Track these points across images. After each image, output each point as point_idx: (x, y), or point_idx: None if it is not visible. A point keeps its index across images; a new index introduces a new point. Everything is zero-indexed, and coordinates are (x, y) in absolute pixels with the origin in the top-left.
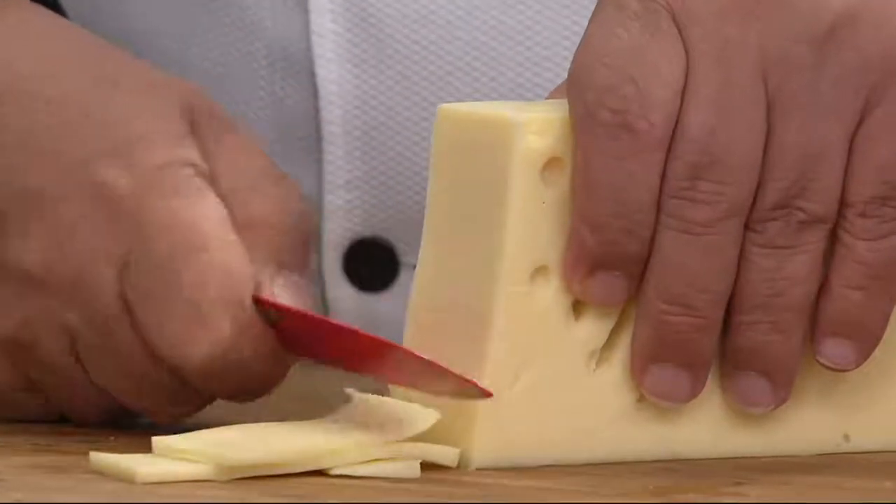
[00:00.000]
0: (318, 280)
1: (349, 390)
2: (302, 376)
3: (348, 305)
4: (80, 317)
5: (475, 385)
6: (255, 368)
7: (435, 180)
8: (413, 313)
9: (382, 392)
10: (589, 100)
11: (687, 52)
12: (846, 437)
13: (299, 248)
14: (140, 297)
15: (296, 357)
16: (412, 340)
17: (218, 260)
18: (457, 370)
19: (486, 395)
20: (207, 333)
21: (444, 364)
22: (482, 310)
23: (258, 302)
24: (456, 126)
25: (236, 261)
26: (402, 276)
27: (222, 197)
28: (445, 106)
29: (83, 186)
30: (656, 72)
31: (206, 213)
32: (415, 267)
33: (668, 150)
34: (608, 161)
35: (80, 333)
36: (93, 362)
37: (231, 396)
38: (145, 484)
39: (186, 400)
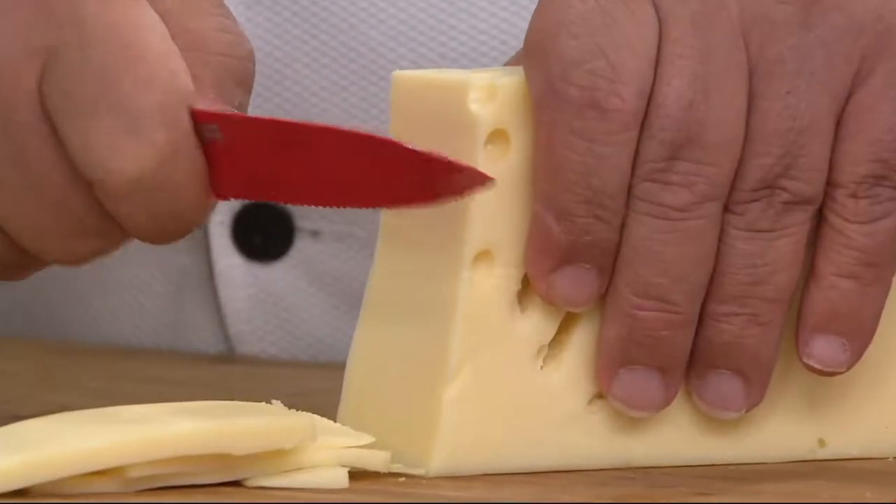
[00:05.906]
0: (204, 249)
1: (275, 402)
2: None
3: (237, 277)
4: None
5: (471, 170)
6: (184, 193)
7: None
8: (368, 307)
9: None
10: (553, 74)
11: (659, 15)
12: (821, 443)
13: (236, 83)
14: (65, 101)
15: (228, 195)
16: (362, 339)
17: (158, 68)
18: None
19: (486, 180)
20: (140, 145)
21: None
22: (436, 297)
23: (196, 116)
24: (412, 94)
25: (176, 71)
26: (298, 243)
27: (161, 13)
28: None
29: None
30: (627, 41)
31: (147, 23)
32: (313, 233)
33: (641, 126)
34: (575, 142)
35: None
36: None
37: (151, 230)
38: None
39: (102, 232)
